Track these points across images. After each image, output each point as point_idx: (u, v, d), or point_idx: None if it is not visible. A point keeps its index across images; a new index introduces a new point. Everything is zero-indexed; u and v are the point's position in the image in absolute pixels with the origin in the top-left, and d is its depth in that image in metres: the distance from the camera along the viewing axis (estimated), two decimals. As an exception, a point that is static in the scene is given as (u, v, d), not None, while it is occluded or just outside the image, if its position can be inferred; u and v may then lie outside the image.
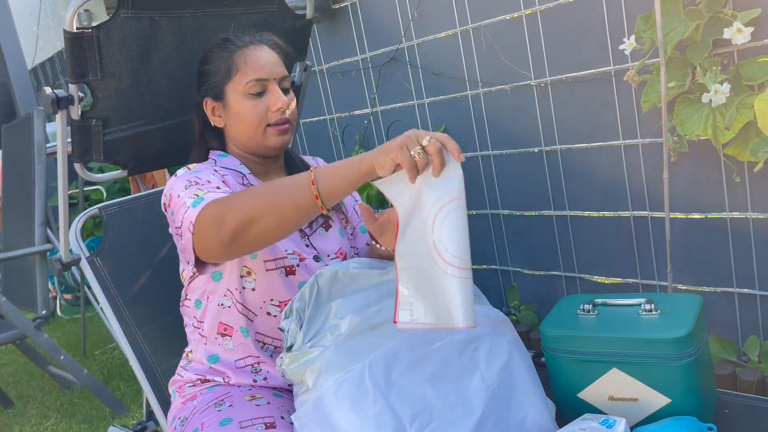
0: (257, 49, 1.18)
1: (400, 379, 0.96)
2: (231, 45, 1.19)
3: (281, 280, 1.15)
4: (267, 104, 1.17)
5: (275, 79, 1.18)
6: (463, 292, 0.87)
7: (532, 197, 2.21)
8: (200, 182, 1.09)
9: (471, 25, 2.16)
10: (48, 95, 1.25)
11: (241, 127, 1.19)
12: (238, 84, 1.17)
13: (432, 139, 0.85)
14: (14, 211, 2.57)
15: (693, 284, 1.89)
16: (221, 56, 1.19)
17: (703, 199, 1.80)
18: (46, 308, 2.33)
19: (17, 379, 3.16)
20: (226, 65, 1.18)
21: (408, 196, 0.90)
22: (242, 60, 1.17)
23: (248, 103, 1.17)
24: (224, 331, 1.18)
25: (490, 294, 2.47)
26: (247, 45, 1.19)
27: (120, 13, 1.21)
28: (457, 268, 0.87)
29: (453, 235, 0.87)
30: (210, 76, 1.21)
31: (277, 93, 1.17)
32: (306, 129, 3.00)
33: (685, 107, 1.63)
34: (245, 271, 1.15)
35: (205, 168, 1.16)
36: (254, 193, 0.96)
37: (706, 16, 1.54)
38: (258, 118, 1.17)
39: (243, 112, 1.17)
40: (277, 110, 1.17)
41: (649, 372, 1.02)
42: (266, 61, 1.17)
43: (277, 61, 1.20)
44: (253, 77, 1.16)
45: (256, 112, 1.17)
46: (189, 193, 1.07)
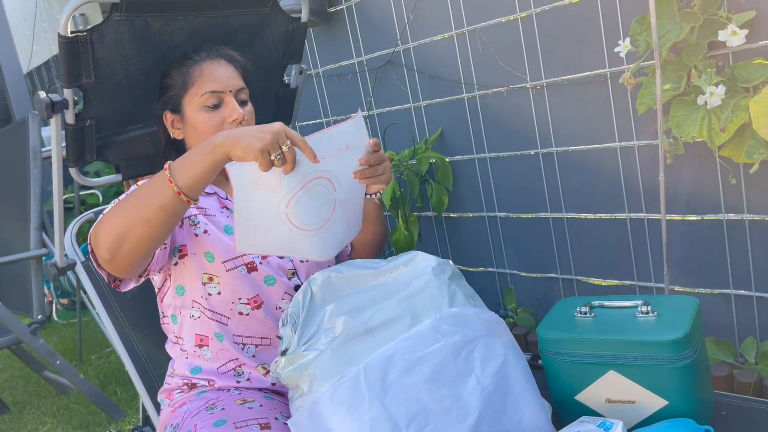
0: (213, 63, 1.20)
1: (396, 382, 0.96)
2: (188, 60, 1.22)
3: (244, 278, 1.15)
4: (222, 116, 1.18)
5: (231, 92, 1.19)
6: (313, 243, 1.08)
7: (528, 199, 2.21)
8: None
9: (467, 27, 2.17)
10: (42, 99, 1.24)
11: (198, 139, 1.20)
12: (194, 96, 1.18)
13: (290, 147, 0.91)
14: (10, 216, 2.56)
15: (690, 286, 1.89)
16: (179, 70, 1.21)
17: (700, 200, 1.80)
18: (41, 313, 2.33)
19: (13, 384, 3.15)
20: (182, 79, 1.20)
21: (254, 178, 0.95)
22: (198, 73, 1.19)
23: (204, 116, 1.18)
24: (200, 342, 1.19)
25: (486, 296, 2.47)
26: (204, 59, 1.21)
27: (113, 16, 1.21)
28: (308, 231, 1.06)
29: (308, 211, 1.03)
30: (168, 89, 1.23)
31: (232, 105, 1.18)
32: (302, 132, 3.00)
33: (680, 109, 1.64)
34: (206, 277, 1.16)
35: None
36: (121, 205, 0.96)
37: (701, 18, 1.55)
38: (213, 130, 1.18)
39: (199, 124, 1.19)
40: (233, 122, 1.18)
41: (646, 374, 1.02)
42: (221, 74, 1.19)
43: (233, 74, 1.21)
44: (208, 89, 1.17)
45: (212, 124, 1.18)
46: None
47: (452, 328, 1.04)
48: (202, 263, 1.15)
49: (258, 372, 1.18)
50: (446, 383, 0.98)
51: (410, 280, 1.14)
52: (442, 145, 2.41)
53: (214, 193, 1.24)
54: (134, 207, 0.94)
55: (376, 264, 1.14)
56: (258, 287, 1.16)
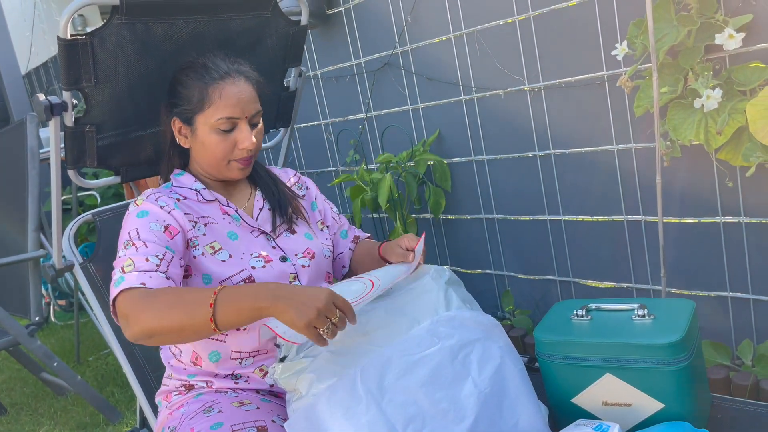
0: (233, 83, 1.16)
1: (393, 385, 0.96)
2: (207, 75, 1.16)
3: None
4: (234, 141, 1.17)
5: (246, 117, 1.17)
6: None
7: (526, 201, 2.22)
8: (137, 244, 1.08)
9: (465, 30, 2.17)
10: (41, 102, 1.25)
11: (206, 156, 1.20)
12: (209, 117, 1.16)
13: (339, 316, 0.92)
14: (7, 217, 2.56)
15: (686, 288, 1.90)
16: (196, 84, 1.17)
17: (697, 203, 1.80)
18: (39, 315, 2.32)
19: (10, 386, 3.14)
20: (200, 95, 1.16)
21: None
22: (217, 94, 1.15)
23: (216, 138, 1.16)
24: (196, 360, 1.21)
25: (484, 298, 2.47)
26: (224, 77, 1.16)
27: (114, 20, 1.21)
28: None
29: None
30: (183, 100, 1.19)
31: (245, 132, 1.17)
32: (300, 134, 3.00)
33: (677, 112, 1.64)
34: None
35: (153, 210, 1.14)
36: (158, 305, 0.98)
37: (698, 21, 1.55)
38: (223, 154, 1.18)
39: (209, 145, 1.17)
40: (243, 149, 1.17)
41: (642, 377, 1.02)
42: (240, 98, 1.16)
43: (251, 96, 1.18)
44: (224, 115, 1.15)
45: (222, 147, 1.17)
46: (123, 258, 1.07)
47: (449, 331, 1.05)
48: (199, 285, 1.15)
49: (256, 374, 1.18)
50: (443, 386, 0.98)
51: (408, 285, 1.15)
52: (440, 147, 2.41)
53: (214, 200, 1.24)
54: (171, 317, 0.97)
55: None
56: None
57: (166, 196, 1.18)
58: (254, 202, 1.28)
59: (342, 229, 1.41)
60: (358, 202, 2.42)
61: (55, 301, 3.95)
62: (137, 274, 1.04)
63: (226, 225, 1.21)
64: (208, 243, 1.17)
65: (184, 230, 1.14)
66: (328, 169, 2.94)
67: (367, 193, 2.41)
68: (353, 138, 2.74)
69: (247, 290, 0.96)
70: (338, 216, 1.43)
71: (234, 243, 1.19)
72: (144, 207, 1.14)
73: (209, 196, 1.23)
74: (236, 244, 1.19)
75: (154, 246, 1.08)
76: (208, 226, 1.19)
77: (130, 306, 1.00)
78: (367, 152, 2.71)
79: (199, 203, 1.22)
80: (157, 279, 1.04)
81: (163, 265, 1.07)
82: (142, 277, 1.03)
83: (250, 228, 1.23)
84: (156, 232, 1.10)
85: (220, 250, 1.17)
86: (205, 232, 1.18)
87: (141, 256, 1.06)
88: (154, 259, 1.06)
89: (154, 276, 1.04)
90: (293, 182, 1.39)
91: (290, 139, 1.81)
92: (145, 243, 1.08)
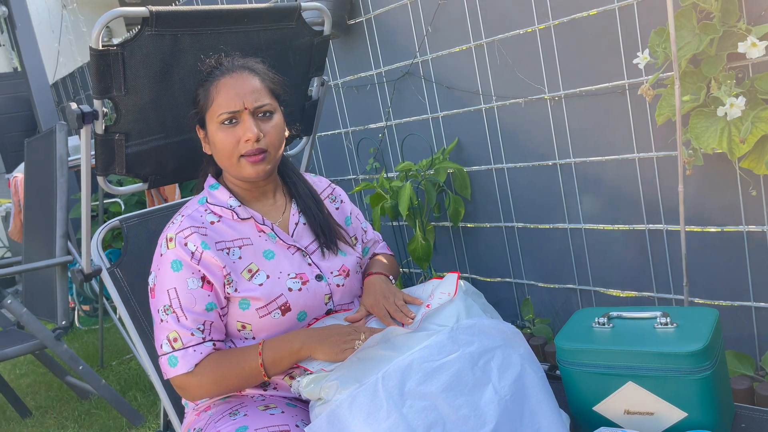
0: (233, 78, 1.17)
1: (414, 390, 0.97)
2: (212, 76, 1.19)
3: (276, 323, 1.18)
4: (238, 135, 1.16)
5: (247, 109, 1.16)
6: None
7: (546, 210, 2.21)
8: (178, 313, 1.13)
9: (485, 39, 2.19)
10: (73, 110, 1.28)
11: (218, 156, 1.21)
12: (214, 114, 1.17)
13: (365, 335, 1.09)
14: (36, 223, 2.62)
15: (709, 298, 1.88)
16: (205, 85, 1.20)
17: (720, 212, 1.79)
18: (65, 319, 2.37)
19: (35, 389, 3.20)
20: (205, 95, 1.19)
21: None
22: (216, 91, 1.17)
23: (221, 134, 1.17)
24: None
25: (504, 306, 2.47)
26: (225, 74, 1.18)
27: (144, 31, 1.25)
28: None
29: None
30: (196, 106, 1.22)
31: (247, 124, 1.16)
32: (321, 142, 3.03)
33: (700, 121, 1.64)
34: (240, 325, 1.18)
35: (185, 261, 1.15)
36: (214, 378, 1.13)
37: (721, 30, 1.55)
38: (230, 149, 1.17)
39: (218, 143, 1.18)
40: (247, 141, 1.16)
41: (665, 386, 1.02)
42: (238, 91, 1.16)
43: (253, 88, 1.18)
44: (224, 109, 1.16)
45: (228, 143, 1.17)
46: (167, 325, 1.14)
47: (469, 338, 1.06)
48: (236, 311, 1.18)
49: (285, 382, 1.20)
50: (463, 392, 0.99)
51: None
52: (460, 155, 2.42)
53: (250, 218, 1.23)
54: (228, 385, 1.14)
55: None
56: (289, 327, 1.19)
57: (196, 233, 1.17)
58: (290, 216, 1.29)
59: (366, 246, 1.42)
60: (378, 210, 2.44)
61: (80, 306, 4.02)
62: (188, 355, 1.13)
63: (262, 243, 1.22)
64: (245, 267, 1.18)
65: (218, 274, 1.16)
66: (348, 177, 2.96)
67: (386, 200, 2.42)
68: (373, 146, 2.76)
69: (285, 342, 1.13)
70: (365, 233, 1.43)
71: (270, 263, 1.20)
72: (177, 255, 1.15)
73: (245, 214, 1.23)
74: (273, 264, 1.20)
75: (194, 317, 1.14)
76: (243, 248, 1.20)
77: (188, 384, 1.14)
78: (387, 160, 2.73)
79: (235, 222, 1.22)
80: (205, 349, 1.14)
81: (206, 334, 1.15)
82: (193, 357, 1.13)
83: (286, 245, 1.24)
84: (194, 291, 1.14)
85: (257, 272, 1.18)
86: (241, 255, 1.19)
87: (186, 330, 1.14)
88: (198, 333, 1.14)
89: (201, 348, 1.14)
90: (327, 194, 1.39)
91: (312, 148, 1.83)
92: (186, 313, 1.13)
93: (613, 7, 1.84)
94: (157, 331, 1.16)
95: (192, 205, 1.24)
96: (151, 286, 1.18)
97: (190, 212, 1.21)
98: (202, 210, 1.22)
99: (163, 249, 1.17)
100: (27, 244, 2.72)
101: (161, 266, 1.17)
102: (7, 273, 2.29)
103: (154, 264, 1.19)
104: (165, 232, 1.19)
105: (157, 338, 1.16)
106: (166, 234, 1.19)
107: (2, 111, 5.66)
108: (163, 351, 1.14)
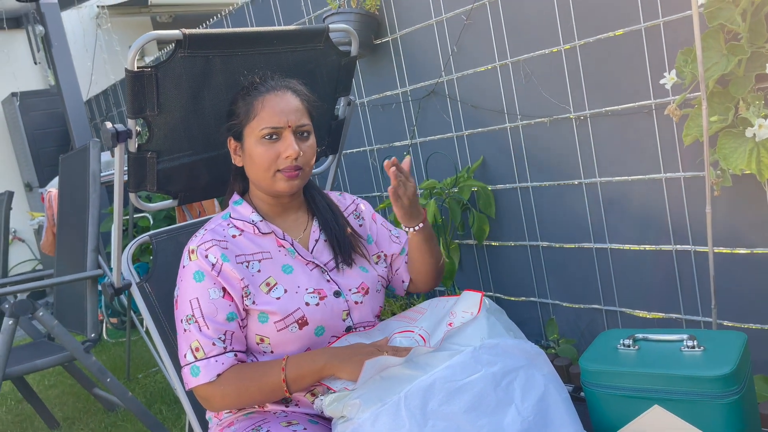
0: (278, 96, 1.21)
1: (436, 410, 0.97)
2: (255, 90, 1.23)
3: (294, 337, 1.19)
4: (278, 151, 1.20)
5: (290, 127, 1.20)
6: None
7: (571, 229, 2.20)
8: (200, 322, 1.16)
9: (510, 59, 2.20)
10: (108, 129, 1.33)
11: (254, 169, 1.23)
12: (255, 128, 1.20)
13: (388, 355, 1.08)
14: (68, 237, 2.68)
15: (738, 321, 1.85)
16: (245, 99, 1.23)
17: (749, 233, 1.76)
18: (95, 332, 2.41)
19: (63, 400, 3.26)
20: (246, 108, 1.22)
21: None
22: (260, 105, 1.20)
23: (261, 148, 1.20)
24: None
25: (528, 326, 2.45)
26: (269, 91, 1.22)
27: (177, 53, 1.29)
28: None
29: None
30: (233, 117, 1.25)
31: (288, 141, 1.20)
32: (346, 160, 3.06)
33: (728, 141, 1.62)
34: (258, 338, 1.20)
35: (207, 271, 1.18)
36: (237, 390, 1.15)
37: (748, 51, 1.54)
38: (268, 163, 1.20)
39: (256, 156, 1.21)
40: (287, 158, 1.20)
41: (691, 410, 1.01)
42: (283, 108, 1.20)
43: (297, 108, 1.22)
44: (268, 124, 1.19)
45: (267, 157, 1.20)
46: (190, 334, 1.17)
47: (492, 358, 1.05)
48: (255, 324, 1.20)
49: (307, 398, 1.21)
50: (486, 412, 0.98)
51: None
52: (484, 173, 2.43)
53: (270, 233, 1.26)
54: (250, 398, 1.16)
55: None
56: (307, 341, 1.21)
57: (216, 245, 1.20)
58: (310, 233, 1.31)
59: (403, 246, 1.40)
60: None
61: (108, 319, 4.09)
62: (210, 365, 1.16)
63: (282, 258, 1.24)
64: (263, 280, 1.20)
65: (236, 286, 1.18)
66: (373, 194, 2.98)
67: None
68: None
69: (308, 360, 1.13)
70: (398, 237, 1.41)
71: (289, 277, 1.22)
72: (198, 266, 1.18)
73: (266, 229, 1.26)
74: (291, 278, 1.22)
75: (216, 327, 1.16)
76: (262, 261, 1.22)
77: (211, 394, 1.16)
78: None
79: (256, 236, 1.25)
80: (227, 360, 1.17)
81: (228, 344, 1.17)
82: (215, 367, 1.16)
83: (305, 261, 1.25)
84: (216, 301, 1.17)
85: (275, 286, 1.20)
86: (260, 268, 1.21)
87: (208, 340, 1.16)
88: (220, 343, 1.16)
89: (223, 358, 1.16)
90: (351, 210, 1.40)
91: (337, 166, 1.86)
92: (208, 323, 1.16)
93: (639, 28, 1.84)
94: (181, 342, 1.19)
95: (216, 220, 1.28)
96: (176, 297, 1.22)
97: (213, 227, 1.25)
98: (225, 224, 1.26)
99: (186, 261, 1.21)
100: (59, 258, 2.78)
101: (184, 277, 1.20)
102: (41, 286, 2.35)
103: (178, 276, 1.22)
104: (188, 245, 1.23)
105: (181, 349, 1.18)
106: (188, 247, 1.22)
107: (38, 127, 5.83)
108: (186, 361, 1.17)
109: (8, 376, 2.26)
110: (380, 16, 2.62)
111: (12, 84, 6.17)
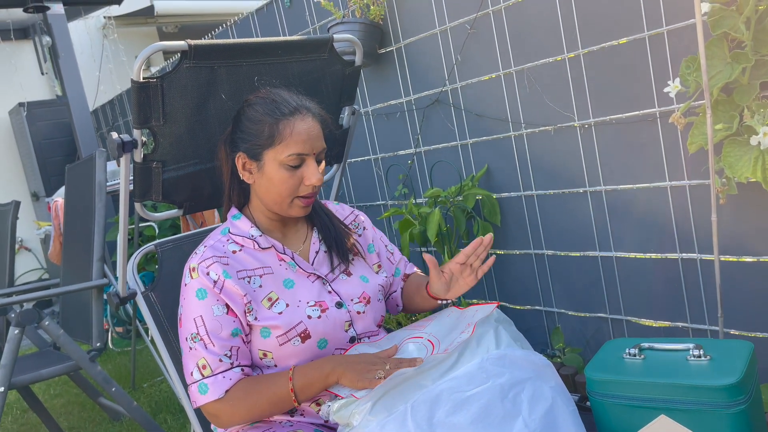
0: (302, 120, 1.19)
1: (443, 421, 0.97)
2: (277, 110, 1.19)
3: (297, 350, 1.19)
4: (301, 177, 1.20)
5: (314, 154, 1.21)
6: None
7: (576, 237, 2.20)
8: (205, 340, 1.16)
9: (514, 68, 2.20)
10: (114, 140, 1.33)
11: (271, 192, 1.22)
12: (279, 153, 1.18)
13: (389, 367, 1.08)
14: (74, 247, 2.69)
15: (745, 329, 1.84)
16: (267, 120, 1.19)
17: (755, 241, 1.76)
18: (100, 341, 2.42)
19: (69, 410, 3.26)
20: (270, 131, 1.18)
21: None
22: (288, 131, 1.18)
23: (284, 174, 1.19)
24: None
25: (533, 335, 2.44)
26: (293, 113, 1.19)
27: (183, 64, 1.29)
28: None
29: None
30: (251, 135, 1.20)
31: (312, 168, 1.20)
32: (351, 168, 3.07)
33: (733, 149, 1.62)
34: (261, 353, 1.20)
35: (209, 289, 1.17)
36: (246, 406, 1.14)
37: (753, 59, 1.54)
38: (289, 190, 1.20)
39: (276, 180, 1.19)
40: (309, 185, 1.20)
41: (698, 419, 1.00)
42: (309, 134, 1.19)
43: (319, 133, 1.22)
44: (295, 151, 1.18)
45: (290, 183, 1.19)
46: (195, 352, 1.16)
47: (499, 369, 1.05)
48: (258, 339, 1.20)
49: (312, 408, 1.21)
50: (493, 424, 0.98)
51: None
52: (489, 182, 2.43)
53: (270, 247, 1.25)
54: (260, 411, 1.16)
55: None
56: (310, 354, 1.21)
57: (217, 262, 1.19)
58: (310, 245, 1.31)
59: (396, 267, 1.43)
60: (407, 236, 2.45)
61: (113, 328, 4.09)
62: (218, 382, 1.15)
63: (283, 272, 1.24)
64: (265, 296, 1.20)
65: (239, 302, 1.18)
66: (378, 202, 2.99)
67: (415, 227, 2.43)
68: (402, 172, 2.78)
69: (315, 367, 1.13)
70: (392, 254, 1.43)
71: (290, 291, 1.22)
72: (201, 283, 1.18)
73: (265, 244, 1.25)
74: (292, 292, 1.22)
75: (221, 344, 1.16)
76: (264, 276, 1.22)
77: (220, 411, 1.15)
78: (416, 186, 2.74)
79: (256, 251, 1.25)
80: (234, 375, 1.16)
81: (234, 360, 1.17)
82: (223, 383, 1.15)
83: (306, 273, 1.25)
84: (220, 317, 1.17)
85: (276, 301, 1.20)
86: (261, 283, 1.21)
87: (214, 356, 1.16)
88: (227, 359, 1.16)
89: (230, 374, 1.16)
90: (350, 221, 1.41)
91: (342, 175, 1.86)
92: (213, 340, 1.16)
93: (642, 36, 1.85)
94: (186, 360, 1.18)
95: (215, 235, 1.27)
96: (179, 315, 1.21)
97: (212, 243, 1.24)
98: (224, 240, 1.25)
99: (187, 279, 1.20)
100: (65, 267, 2.79)
101: (186, 296, 1.19)
102: (46, 295, 2.35)
103: (181, 294, 1.22)
104: (189, 262, 1.22)
105: (187, 367, 1.18)
106: (189, 264, 1.21)
107: (44, 137, 5.87)
108: (193, 379, 1.16)
109: (14, 386, 2.26)
110: (384, 26, 2.63)
111: (19, 94, 6.22)
